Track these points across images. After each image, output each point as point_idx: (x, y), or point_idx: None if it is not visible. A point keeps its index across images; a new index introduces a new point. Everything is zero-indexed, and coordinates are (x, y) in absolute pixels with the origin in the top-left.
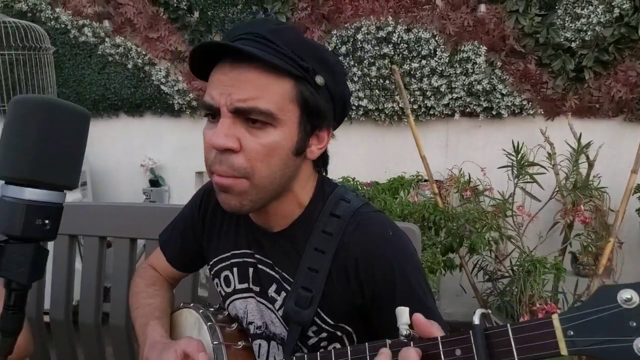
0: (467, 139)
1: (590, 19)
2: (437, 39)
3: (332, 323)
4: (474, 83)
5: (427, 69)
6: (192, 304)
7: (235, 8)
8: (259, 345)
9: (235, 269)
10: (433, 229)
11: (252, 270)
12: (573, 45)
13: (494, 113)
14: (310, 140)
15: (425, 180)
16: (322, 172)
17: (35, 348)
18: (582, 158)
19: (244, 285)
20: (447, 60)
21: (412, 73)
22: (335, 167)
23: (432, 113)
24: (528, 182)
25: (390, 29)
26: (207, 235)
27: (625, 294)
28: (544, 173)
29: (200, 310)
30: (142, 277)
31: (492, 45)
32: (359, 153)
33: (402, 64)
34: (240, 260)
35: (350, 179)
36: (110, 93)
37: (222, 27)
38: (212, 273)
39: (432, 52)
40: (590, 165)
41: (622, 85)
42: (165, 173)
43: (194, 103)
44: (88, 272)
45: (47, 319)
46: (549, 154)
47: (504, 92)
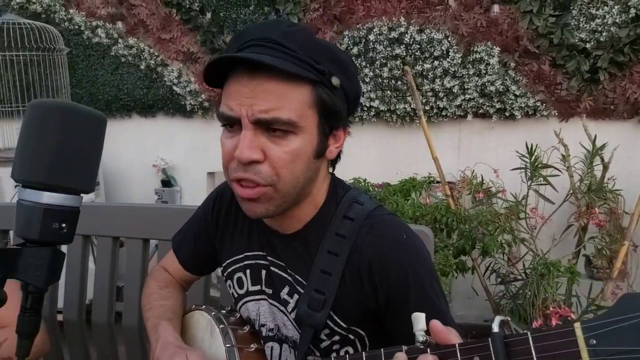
0: (479, 141)
1: (606, 20)
2: (449, 40)
3: (344, 326)
4: (487, 84)
5: (439, 70)
6: (204, 306)
7: (247, 9)
8: (271, 348)
9: (248, 271)
10: (445, 231)
11: (264, 273)
12: (588, 46)
13: (507, 114)
14: (329, 141)
15: (437, 182)
16: (331, 170)
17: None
18: (596, 160)
19: (257, 288)
20: (459, 61)
21: (424, 74)
22: (347, 168)
23: (444, 114)
24: (542, 184)
25: (403, 30)
26: (220, 237)
27: None
28: (558, 175)
29: (213, 313)
30: (155, 279)
31: (505, 46)
32: (371, 154)
33: (414, 65)
34: (253, 262)
35: (362, 180)
36: (123, 94)
37: (234, 28)
38: (225, 275)
39: (444, 52)
40: (605, 167)
41: (637, 87)
42: (177, 173)
43: (206, 104)
44: (101, 271)
45: (60, 318)
46: (563, 156)
47: (518, 93)
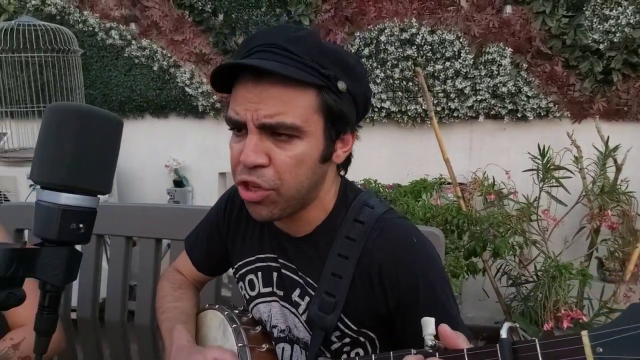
0: (491, 142)
1: (620, 20)
2: (461, 41)
3: (355, 329)
4: (499, 85)
5: (451, 71)
6: (217, 306)
7: (259, 10)
8: (283, 349)
9: (260, 273)
10: (456, 233)
11: (276, 275)
12: (601, 47)
13: (519, 115)
14: (336, 145)
15: (449, 183)
16: (342, 172)
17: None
18: (609, 162)
19: (268, 289)
20: (471, 62)
21: (435, 75)
22: (357, 169)
23: (455, 115)
24: (554, 185)
25: (414, 31)
26: (232, 239)
27: None
28: (570, 177)
29: (225, 312)
30: (168, 280)
31: (517, 47)
32: (381, 155)
33: (425, 66)
34: (265, 265)
35: (372, 181)
36: (136, 95)
37: (245, 29)
38: (236, 276)
39: (456, 53)
40: (618, 169)
41: None
42: (189, 174)
43: (218, 105)
44: (114, 271)
45: (74, 316)
46: (576, 158)
47: (530, 94)
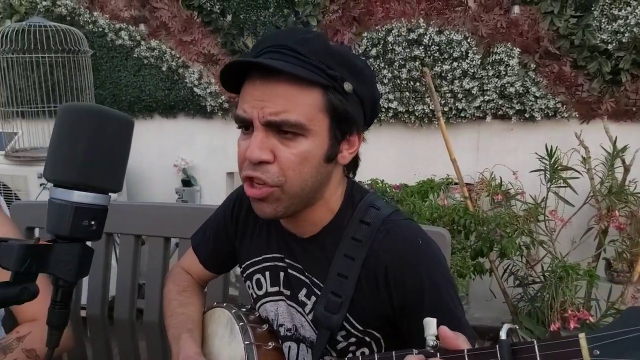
0: (499, 142)
1: (628, 20)
2: (469, 41)
3: (360, 328)
4: (507, 85)
5: (458, 71)
6: (225, 304)
7: (267, 11)
8: (289, 347)
9: (268, 273)
10: (463, 233)
11: (283, 275)
12: (610, 47)
13: (527, 116)
14: (342, 146)
15: (456, 184)
16: (350, 175)
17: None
18: (617, 162)
19: (275, 289)
20: (479, 62)
21: (443, 75)
22: (365, 169)
23: (463, 115)
24: (561, 186)
25: (422, 31)
26: (239, 238)
27: None
28: (578, 177)
29: (233, 310)
30: (173, 282)
31: (525, 47)
32: (389, 155)
33: (433, 66)
34: (272, 264)
35: (379, 181)
36: (145, 95)
37: (254, 30)
38: (244, 275)
39: (463, 54)
40: (626, 170)
41: None
42: (197, 173)
43: (226, 105)
44: (123, 269)
45: (83, 314)
46: (584, 158)
47: (538, 94)
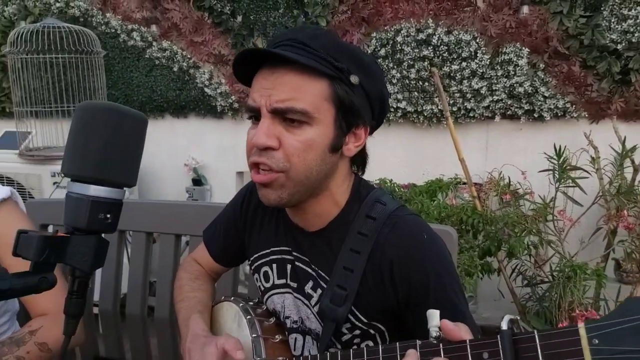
0: (507, 142)
1: (638, 20)
2: (477, 41)
3: (365, 321)
4: (516, 85)
5: (467, 71)
6: (232, 298)
7: (277, 12)
8: (295, 339)
9: (275, 265)
10: (471, 232)
11: (290, 267)
12: (619, 47)
13: (536, 116)
14: (347, 138)
15: (464, 183)
16: (359, 173)
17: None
18: (627, 162)
19: (282, 281)
20: (488, 62)
21: (451, 75)
22: (373, 168)
23: (471, 115)
24: (570, 186)
25: (431, 31)
26: (248, 232)
27: None
28: (587, 177)
29: (240, 304)
30: (186, 270)
31: (534, 47)
32: (397, 155)
33: (441, 66)
34: (279, 257)
35: (388, 181)
36: (157, 95)
37: (264, 30)
38: (252, 268)
39: (472, 54)
40: (636, 170)
41: None
42: (208, 173)
43: (236, 105)
44: (135, 266)
45: (96, 311)
46: (593, 158)
47: (547, 94)
